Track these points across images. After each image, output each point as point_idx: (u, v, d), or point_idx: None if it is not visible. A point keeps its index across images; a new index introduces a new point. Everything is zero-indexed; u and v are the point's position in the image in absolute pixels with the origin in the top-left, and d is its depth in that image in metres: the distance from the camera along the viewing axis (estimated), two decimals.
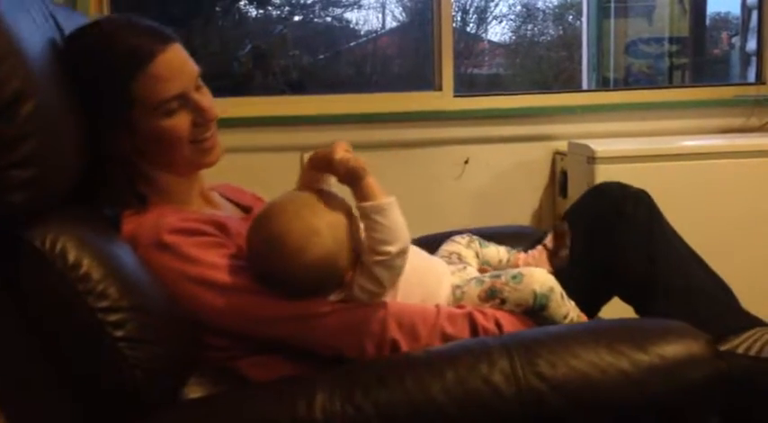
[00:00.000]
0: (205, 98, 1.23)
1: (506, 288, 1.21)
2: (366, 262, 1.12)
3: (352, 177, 1.13)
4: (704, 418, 1.02)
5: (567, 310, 1.23)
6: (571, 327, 1.19)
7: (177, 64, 1.19)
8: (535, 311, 1.20)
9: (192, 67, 1.22)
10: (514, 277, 1.21)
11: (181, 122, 1.20)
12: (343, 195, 1.18)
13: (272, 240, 1.10)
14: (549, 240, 1.38)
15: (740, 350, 1.27)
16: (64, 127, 1.04)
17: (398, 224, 1.13)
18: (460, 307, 1.20)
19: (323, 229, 1.10)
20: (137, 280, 1.04)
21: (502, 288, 1.21)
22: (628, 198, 1.46)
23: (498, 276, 1.24)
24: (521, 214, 2.76)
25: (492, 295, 1.21)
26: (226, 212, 1.33)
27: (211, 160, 1.27)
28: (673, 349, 0.99)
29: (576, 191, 2.52)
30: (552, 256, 1.34)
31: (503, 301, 1.20)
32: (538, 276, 1.21)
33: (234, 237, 1.19)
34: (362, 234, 1.16)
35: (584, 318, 1.28)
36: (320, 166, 1.19)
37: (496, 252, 1.44)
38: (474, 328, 1.16)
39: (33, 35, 1.04)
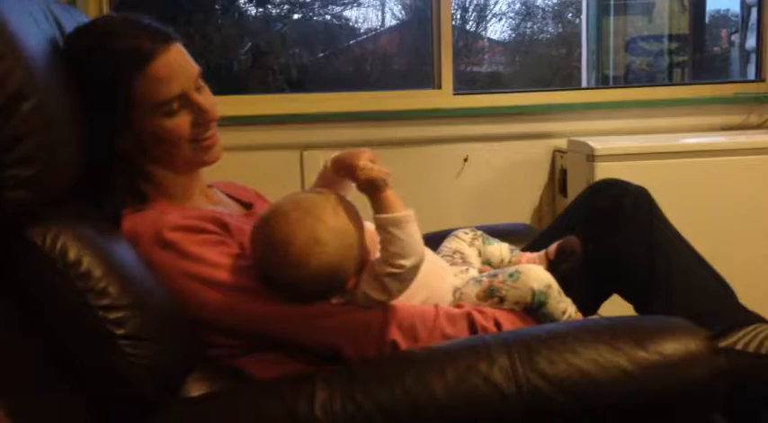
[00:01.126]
0: (206, 98, 1.23)
1: (504, 286, 1.21)
2: (378, 272, 1.12)
3: (372, 188, 1.13)
4: (704, 414, 1.02)
5: (565, 306, 1.23)
6: (570, 324, 1.18)
7: (178, 64, 1.18)
8: (534, 309, 1.20)
9: (193, 67, 1.21)
10: (511, 275, 1.21)
11: (181, 122, 1.19)
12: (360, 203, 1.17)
13: (275, 247, 1.09)
14: (552, 250, 1.37)
15: (739, 346, 1.27)
16: (63, 126, 1.04)
17: (414, 238, 1.12)
18: (459, 306, 1.21)
19: (327, 239, 1.09)
20: (137, 278, 1.04)
21: (500, 287, 1.21)
22: (627, 195, 1.45)
23: (495, 275, 1.24)
24: (520, 212, 2.76)
25: (490, 294, 1.21)
26: (227, 209, 1.33)
27: (212, 159, 1.27)
28: (672, 346, 0.99)
29: (575, 188, 2.52)
30: (551, 267, 1.33)
31: (501, 300, 1.20)
32: (535, 274, 1.21)
33: (235, 234, 1.18)
34: (372, 241, 1.16)
35: (580, 315, 1.28)
36: (342, 169, 1.19)
37: (499, 250, 1.43)
38: (473, 327, 1.16)
39: (33, 34, 1.04)
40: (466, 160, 2.71)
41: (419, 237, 1.13)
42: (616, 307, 1.47)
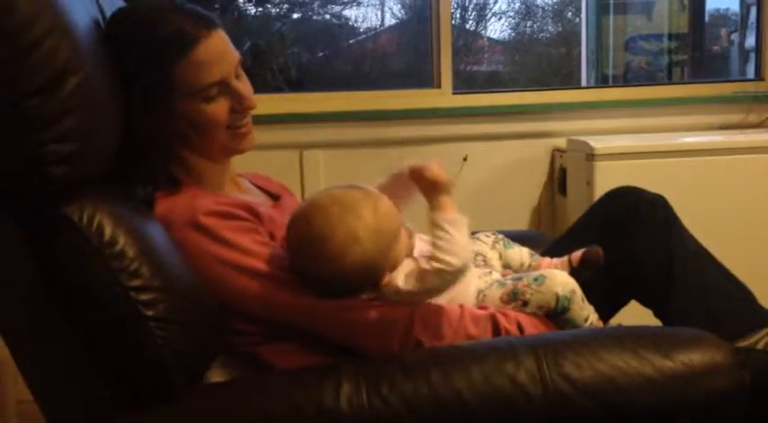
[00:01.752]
0: (245, 86, 1.23)
1: (528, 290, 1.20)
2: (424, 269, 1.12)
3: (436, 188, 1.15)
4: None
5: (588, 312, 1.23)
6: (595, 331, 1.19)
7: (220, 50, 1.18)
8: (557, 314, 1.20)
9: (234, 54, 1.22)
10: (536, 279, 1.21)
11: (220, 108, 1.20)
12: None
13: (312, 242, 1.09)
14: (576, 257, 1.36)
15: (760, 346, 1.27)
16: (105, 104, 1.03)
17: (465, 241, 1.13)
18: (483, 308, 1.20)
19: (365, 237, 1.09)
20: (169, 261, 1.04)
21: (524, 290, 1.21)
22: (643, 202, 1.45)
23: (520, 279, 1.24)
24: (520, 211, 2.76)
25: (514, 297, 1.21)
26: (256, 199, 1.34)
27: (246, 147, 1.27)
28: (697, 357, 0.99)
29: (574, 188, 2.52)
30: (573, 274, 1.32)
31: (525, 303, 1.20)
32: (560, 279, 1.21)
33: (266, 223, 1.19)
34: (408, 246, 1.16)
35: (601, 323, 1.28)
36: (414, 173, 1.20)
37: (519, 255, 1.42)
38: (497, 329, 1.16)
39: (79, 11, 1.03)
40: (465, 159, 2.71)
41: (468, 244, 1.14)
42: (634, 313, 1.47)
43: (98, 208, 0.96)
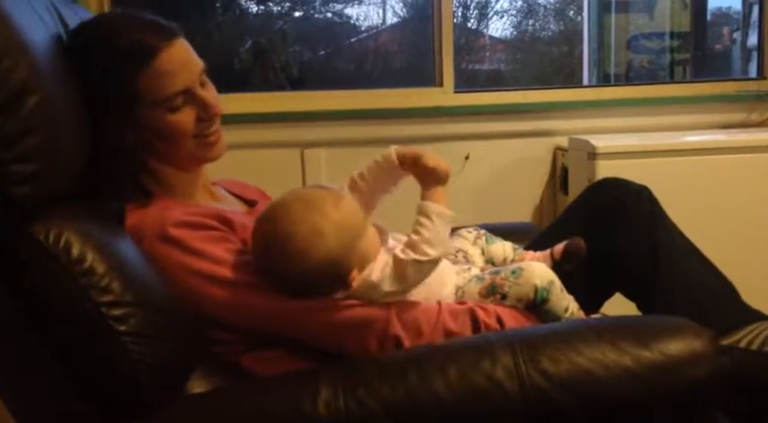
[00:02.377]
0: (210, 93, 1.23)
1: (506, 283, 1.21)
2: (400, 259, 1.12)
3: (432, 177, 1.17)
4: (708, 414, 1.02)
5: (567, 303, 1.23)
6: (573, 324, 1.19)
7: (182, 59, 1.18)
8: (536, 305, 1.20)
9: (197, 63, 1.22)
10: (514, 272, 1.21)
11: (185, 118, 1.19)
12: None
13: (276, 241, 1.09)
14: (558, 250, 1.36)
15: (742, 344, 1.27)
16: (67, 122, 1.03)
17: (445, 236, 1.15)
18: (462, 303, 1.21)
19: (328, 231, 1.09)
20: (141, 274, 1.04)
21: (502, 283, 1.21)
22: (629, 194, 1.45)
23: (498, 272, 1.24)
24: (521, 210, 2.76)
25: (492, 291, 1.21)
26: (230, 206, 1.33)
27: (215, 155, 1.27)
28: (676, 346, 0.99)
29: (576, 186, 2.52)
30: (556, 267, 1.33)
31: (503, 296, 1.20)
32: (538, 270, 1.21)
33: (238, 231, 1.18)
34: (374, 242, 1.16)
35: (582, 313, 1.28)
36: (407, 159, 1.21)
37: (502, 249, 1.43)
38: (476, 323, 1.16)
39: (37, 29, 1.03)
40: (467, 158, 2.71)
41: (447, 239, 1.16)
42: (618, 305, 1.47)
43: (65, 225, 0.96)
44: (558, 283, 1.22)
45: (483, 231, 1.45)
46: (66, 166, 1.03)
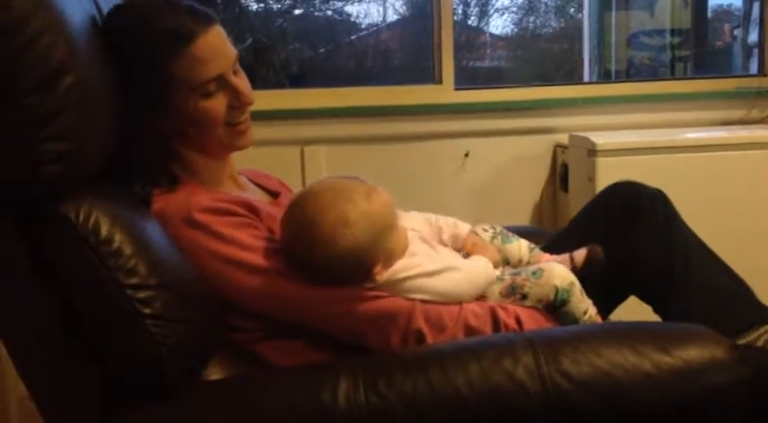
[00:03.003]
0: (242, 82, 1.23)
1: (527, 284, 1.21)
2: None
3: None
4: (727, 421, 1.02)
5: (586, 306, 1.23)
6: (594, 327, 1.20)
7: (217, 46, 1.19)
8: (556, 307, 1.20)
9: (231, 50, 1.22)
10: (534, 273, 1.22)
11: (218, 105, 1.20)
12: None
13: (303, 227, 1.10)
14: (578, 256, 1.35)
15: (759, 343, 1.27)
16: (101, 103, 1.03)
17: (475, 282, 1.22)
18: (483, 301, 1.21)
19: (355, 221, 1.10)
20: (166, 258, 1.04)
21: (522, 284, 1.21)
22: (643, 196, 1.44)
23: (518, 273, 1.24)
24: (521, 207, 2.76)
25: (512, 291, 1.22)
26: (254, 196, 1.34)
27: (245, 143, 1.27)
28: (696, 353, 0.99)
29: (576, 184, 2.52)
30: (574, 271, 1.32)
31: (524, 297, 1.21)
32: (558, 272, 1.21)
33: (264, 219, 1.19)
34: (406, 236, 1.19)
35: (599, 318, 1.28)
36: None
37: (518, 248, 1.40)
38: (496, 321, 1.16)
39: (75, 9, 1.03)
40: (467, 155, 2.71)
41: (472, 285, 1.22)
42: (633, 310, 1.46)
43: (94, 206, 0.96)
44: (578, 285, 1.22)
45: (499, 229, 1.44)
46: (98, 147, 1.03)
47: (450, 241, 1.35)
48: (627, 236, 1.43)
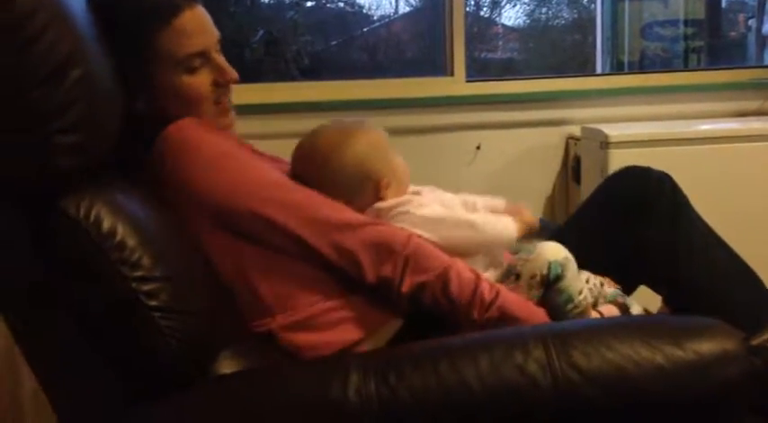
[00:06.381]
0: (224, 62, 1.25)
1: (519, 261, 1.21)
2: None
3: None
4: (738, 415, 1.01)
5: (582, 286, 1.22)
6: (605, 320, 1.19)
7: (202, 22, 1.22)
8: (551, 283, 1.19)
9: (215, 30, 1.25)
10: (528, 251, 1.21)
11: (202, 80, 1.22)
12: None
13: (310, 150, 1.23)
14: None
15: None
16: (106, 94, 1.04)
17: (495, 238, 1.25)
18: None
19: (357, 138, 1.23)
20: (172, 249, 1.04)
21: (515, 263, 1.21)
22: (650, 181, 1.43)
23: (514, 254, 1.24)
24: (533, 200, 2.75)
25: (507, 274, 1.21)
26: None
27: (228, 123, 1.29)
28: (708, 346, 0.98)
29: (589, 176, 2.51)
30: None
31: (518, 276, 1.20)
32: (550, 247, 1.21)
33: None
34: (405, 174, 1.29)
35: (614, 309, 1.27)
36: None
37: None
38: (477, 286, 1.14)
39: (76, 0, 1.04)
40: (478, 148, 2.70)
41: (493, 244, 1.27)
42: (645, 299, 1.46)
43: (96, 198, 0.96)
44: (573, 261, 1.21)
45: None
46: (106, 138, 1.03)
47: (486, 211, 1.35)
48: (634, 224, 1.41)
